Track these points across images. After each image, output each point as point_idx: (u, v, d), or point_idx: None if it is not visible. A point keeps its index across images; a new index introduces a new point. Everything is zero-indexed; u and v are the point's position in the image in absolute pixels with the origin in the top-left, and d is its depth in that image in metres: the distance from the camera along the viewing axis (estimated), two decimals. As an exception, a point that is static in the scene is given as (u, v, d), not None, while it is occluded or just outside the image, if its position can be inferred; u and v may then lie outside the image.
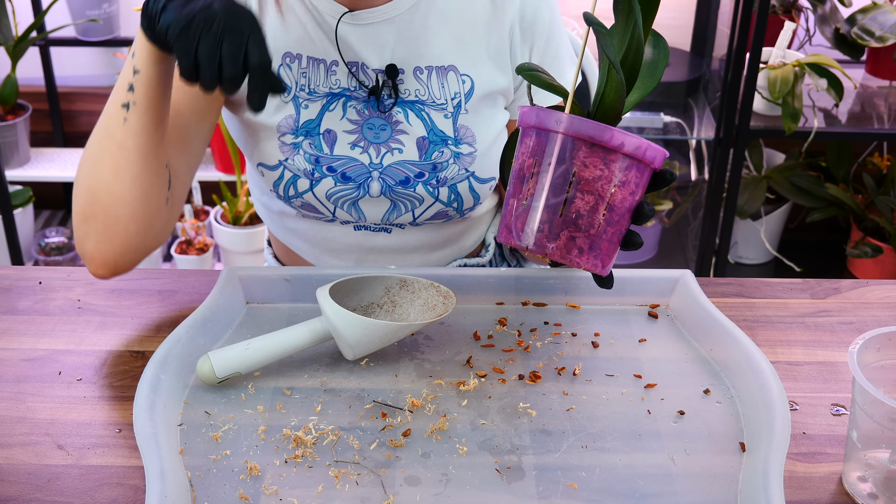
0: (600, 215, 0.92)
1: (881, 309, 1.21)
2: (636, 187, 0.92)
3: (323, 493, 0.92)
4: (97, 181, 1.08)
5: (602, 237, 0.93)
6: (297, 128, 1.19)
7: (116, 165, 1.07)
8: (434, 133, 1.20)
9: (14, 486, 0.94)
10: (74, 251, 2.78)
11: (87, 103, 2.93)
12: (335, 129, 1.20)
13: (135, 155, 1.07)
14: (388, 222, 1.26)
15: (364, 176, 1.21)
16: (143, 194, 1.09)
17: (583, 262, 0.93)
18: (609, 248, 0.94)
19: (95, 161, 1.08)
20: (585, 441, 0.98)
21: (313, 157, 1.20)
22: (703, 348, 1.12)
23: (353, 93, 1.19)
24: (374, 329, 1.03)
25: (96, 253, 1.10)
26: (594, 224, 0.92)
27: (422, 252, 1.32)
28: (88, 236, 1.10)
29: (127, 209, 1.08)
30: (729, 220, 2.46)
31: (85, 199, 1.09)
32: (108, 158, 1.07)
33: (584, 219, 0.92)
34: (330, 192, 1.22)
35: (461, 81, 1.20)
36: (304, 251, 1.34)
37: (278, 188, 1.23)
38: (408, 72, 1.19)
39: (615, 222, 0.92)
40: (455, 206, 1.24)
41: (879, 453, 0.92)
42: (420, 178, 1.21)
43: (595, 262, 0.94)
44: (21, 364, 1.10)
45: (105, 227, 1.09)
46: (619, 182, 0.91)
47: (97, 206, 1.08)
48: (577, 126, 0.90)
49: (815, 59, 2.33)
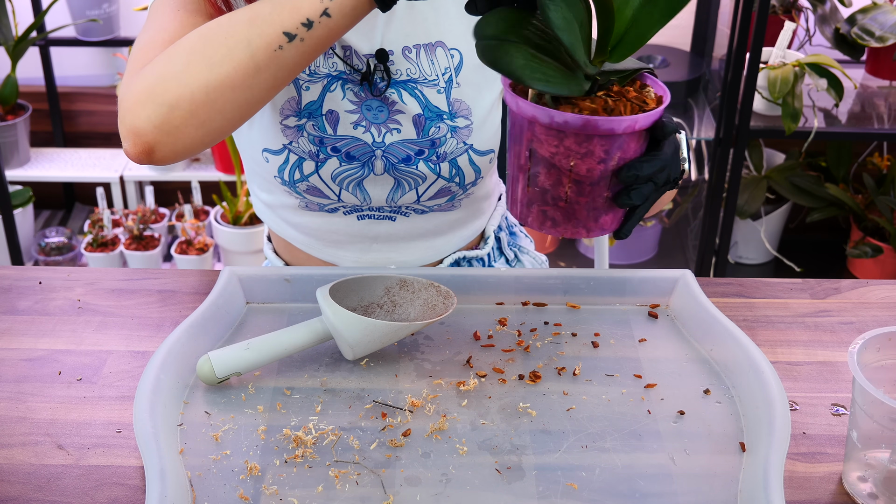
0: (566, 188, 0.91)
1: (881, 309, 1.21)
2: (606, 155, 0.90)
3: (323, 493, 0.92)
4: (206, 80, 0.99)
5: (575, 207, 0.93)
6: (300, 110, 1.20)
7: (240, 79, 0.99)
8: (429, 109, 1.21)
9: (14, 486, 0.94)
10: (74, 251, 2.78)
11: (87, 103, 2.93)
12: (337, 110, 1.20)
13: (266, 82, 1.00)
14: (393, 204, 1.26)
15: (368, 154, 1.21)
16: (242, 116, 1.03)
17: (560, 231, 0.94)
18: (590, 215, 0.93)
19: (214, 62, 0.99)
20: (585, 441, 0.98)
21: (317, 139, 1.20)
22: (703, 348, 1.12)
23: (348, 76, 1.20)
24: (374, 329, 1.03)
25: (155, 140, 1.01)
26: (561, 197, 0.92)
27: (425, 239, 1.33)
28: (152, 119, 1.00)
29: (220, 121, 1.01)
30: (729, 220, 2.46)
31: (178, 88, 0.99)
32: (232, 67, 0.99)
33: (550, 192, 0.92)
34: (335, 173, 1.22)
35: (450, 56, 1.21)
36: (307, 245, 1.34)
37: (283, 173, 1.23)
38: (397, 52, 1.20)
39: (587, 192, 0.92)
40: (457, 180, 1.25)
41: (879, 453, 0.92)
42: (420, 155, 1.22)
43: (576, 230, 0.94)
44: (21, 364, 1.10)
45: (183, 124, 1.00)
46: (578, 155, 0.90)
47: (192, 103, 0.99)
48: (524, 108, 0.90)
49: (815, 59, 2.33)
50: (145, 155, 1.01)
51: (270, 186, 1.29)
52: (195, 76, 0.98)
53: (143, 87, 1.00)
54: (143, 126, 0.99)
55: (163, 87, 0.99)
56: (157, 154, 1.01)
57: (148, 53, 1.05)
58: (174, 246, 2.73)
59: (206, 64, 0.99)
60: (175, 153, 1.02)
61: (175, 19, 1.09)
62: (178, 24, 1.08)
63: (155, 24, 1.10)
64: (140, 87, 1.00)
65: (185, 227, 2.71)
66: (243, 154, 1.30)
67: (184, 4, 1.11)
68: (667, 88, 0.95)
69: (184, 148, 1.01)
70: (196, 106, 0.99)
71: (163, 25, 1.09)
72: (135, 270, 1.27)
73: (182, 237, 2.75)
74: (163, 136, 1.00)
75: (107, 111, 2.94)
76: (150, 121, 0.99)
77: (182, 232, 2.74)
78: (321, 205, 1.27)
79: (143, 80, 1.00)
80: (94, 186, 2.94)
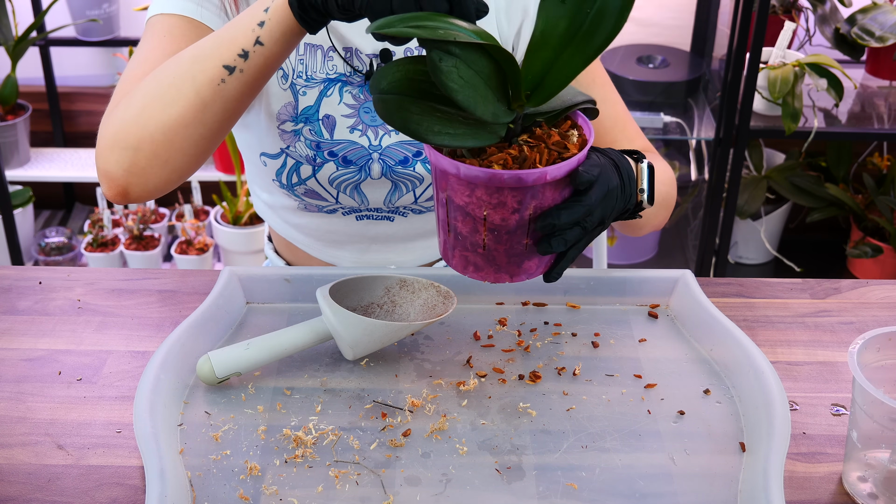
0: (482, 236, 0.91)
1: (881, 309, 1.21)
2: (519, 205, 0.88)
3: (323, 493, 0.92)
4: (161, 121, 1.01)
5: (494, 254, 0.92)
6: (297, 115, 1.20)
7: (190, 116, 1.01)
8: None
9: (14, 486, 0.94)
10: (74, 251, 2.78)
11: (87, 103, 2.92)
12: (333, 115, 1.21)
13: (216, 115, 1.01)
14: (391, 205, 1.27)
15: (365, 158, 1.22)
16: (203, 150, 1.05)
17: (483, 276, 0.94)
18: (512, 261, 0.92)
19: (166, 102, 1.01)
20: (585, 441, 0.98)
21: (314, 143, 1.21)
22: (703, 348, 1.12)
23: (348, 78, 1.20)
24: (374, 329, 1.03)
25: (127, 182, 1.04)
26: (479, 244, 0.91)
27: (423, 238, 1.33)
28: (121, 163, 1.03)
29: (182, 158, 1.03)
30: (729, 220, 2.46)
31: (138, 131, 1.02)
32: (182, 106, 1.00)
33: (468, 239, 0.92)
34: (332, 177, 1.22)
35: None
36: (307, 245, 1.35)
37: (281, 177, 1.23)
38: (399, 52, 1.20)
39: (504, 241, 0.91)
40: None
41: (879, 453, 0.92)
42: (418, 156, 1.23)
43: (498, 276, 0.94)
44: (21, 364, 1.10)
45: (148, 165, 1.03)
46: (490, 205, 0.88)
47: (153, 143, 1.02)
48: (435, 159, 0.89)
49: (815, 59, 2.33)
50: (121, 196, 1.05)
51: (270, 187, 1.29)
52: (151, 118, 1.01)
53: (111, 132, 1.03)
54: (114, 170, 1.03)
55: (125, 132, 1.02)
56: (132, 195, 1.05)
57: (126, 87, 1.08)
58: (174, 246, 2.73)
59: (159, 105, 1.01)
60: (148, 192, 1.05)
61: (157, 48, 1.10)
62: (160, 54, 1.09)
63: (141, 52, 1.11)
64: (108, 131, 1.04)
65: (185, 227, 2.71)
66: (244, 156, 1.30)
67: (170, 30, 1.11)
68: (593, 130, 0.92)
69: (154, 187, 1.05)
70: (157, 146, 1.02)
71: (146, 55, 1.10)
72: (135, 270, 1.27)
73: (182, 237, 2.75)
74: (133, 178, 1.03)
75: (107, 111, 2.94)
76: (120, 165, 1.02)
77: (182, 232, 2.74)
78: (319, 206, 1.27)
79: (110, 123, 1.04)
80: (94, 186, 2.94)
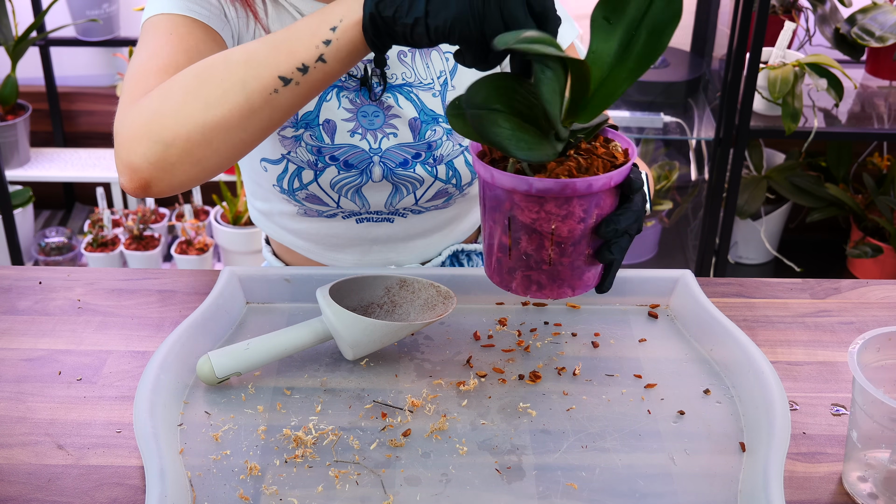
0: (549, 252, 0.91)
1: (881, 309, 1.21)
2: (585, 214, 0.90)
3: (323, 493, 0.92)
4: (201, 121, 0.97)
5: (559, 268, 0.92)
6: (297, 121, 1.20)
7: (235, 120, 0.98)
8: (424, 113, 1.21)
9: (14, 486, 0.94)
10: (74, 251, 2.78)
11: (87, 103, 2.93)
12: (334, 119, 1.21)
13: (261, 122, 0.99)
14: (391, 208, 1.27)
15: (366, 162, 1.22)
16: (238, 154, 1.02)
17: (545, 294, 0.94)
18: (574, 273, 0.93)
19: (210, 102, 0.97)
20: (585, 441, 0.98)
21: (315, 148, 1.21)
22: (703, 348, 1.12)
23: (343, 83, 1.20)
24: (374, 329, 1.03)
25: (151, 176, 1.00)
26: (544, 260, 0.92)
27: (423, 237, 1.33)
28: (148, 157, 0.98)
29: (216, 159, 1.00)
30: (729, 220, 2.46)
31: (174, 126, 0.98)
32: (227, 109, 0.97)
33: (533, 258, 0.92)
34: (334, 181, 1.23)
35: (445, 59, 1.22)
36: (305, 250, 1.34)
37: (282, 182, 1.23)
38: (392, 57, 1.20)
39: (569, 253, 0.92)
40: (454, 182, 1.26)
41: (879, 453, 0.92)
42: (417, 158, 1.23)
43: (561, 290, 0.94)
44: (21, 364, 1.10)
45: (179, 162, 0.99)
46: (559, 217, 0.90)
47: (188, 142, 0.98)
48: (501, 179, 0.89)
49: (815, 59, 2.33)
50: (141, 190, 1.00)
51: (268, 195, 1.29)
52: (191, 116, 0.97)
53: (140, 123, 0.98)
54: (139, 163, 0.98)
55: (159, 125, 0.97)
56: (154, 189, 1.00)
57: (140, 82, 1.03)
58: (174, 246, 2.73)
59: (201, 104, 0.97)
60: (171, 188, 1.01)
61: (168, 43, 1.07)
62: (171, 49, 1.06)
63: (148, 49, 1.07)
64: (136, 122, 0.98)
65: (185, 227, 2.71)
66: (242, 163, 1.30)
67: (175, 27, 1.08)
68: (629, 140, 0.96)
69: (179, 184, 1.00)
70: (192, 145, 0.97)
71: (155, 51, 1.07)
72: (135, 270, 1.27)
73: (182, 237, 2.75)
74: (158, 173, 0.98)
75: (107, 111, 2.94)
76: (146, 158, 0.97)
77: (182, 232, 2.74)
78: (320, 211, 1.27)
79: (139, 114, 0.99)
80: (94, 186, 2.94)
